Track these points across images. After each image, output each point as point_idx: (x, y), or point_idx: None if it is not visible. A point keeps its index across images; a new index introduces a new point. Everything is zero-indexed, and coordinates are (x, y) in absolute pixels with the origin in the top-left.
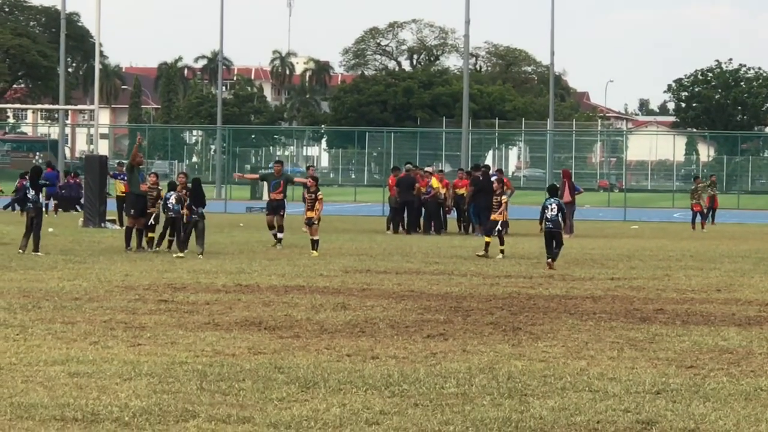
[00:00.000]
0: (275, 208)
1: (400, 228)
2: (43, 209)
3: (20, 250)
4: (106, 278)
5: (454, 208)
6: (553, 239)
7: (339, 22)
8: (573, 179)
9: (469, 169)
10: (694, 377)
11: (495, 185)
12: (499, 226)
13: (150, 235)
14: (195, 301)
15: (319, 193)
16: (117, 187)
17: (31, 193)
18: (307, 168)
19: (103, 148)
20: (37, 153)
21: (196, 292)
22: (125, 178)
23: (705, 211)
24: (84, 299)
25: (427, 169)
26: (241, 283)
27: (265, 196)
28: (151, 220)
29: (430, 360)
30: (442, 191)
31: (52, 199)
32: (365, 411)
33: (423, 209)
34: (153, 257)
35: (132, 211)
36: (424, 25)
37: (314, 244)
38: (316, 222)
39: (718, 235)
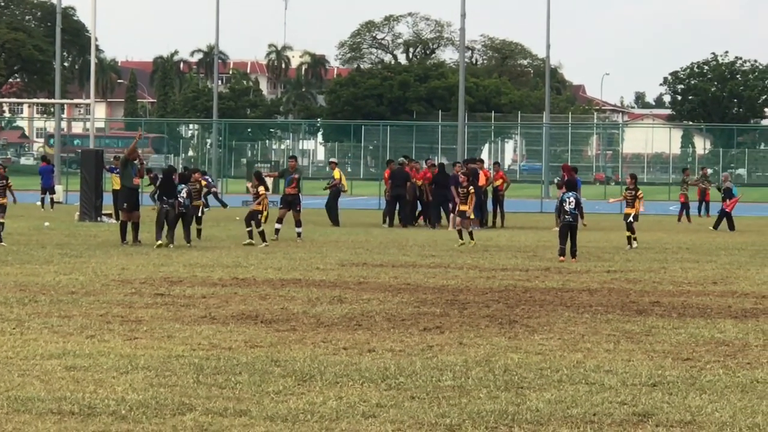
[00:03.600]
0: (290, 202)
1: (396, 221)
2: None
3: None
4: (102, 272)
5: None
6: (569, 232)
7: (335, 16)
8: (576, 174)
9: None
10: (690, 369)
11: (461, 178)
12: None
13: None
14: (191, 294)
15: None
16: (113, 181)
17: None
18: (290, 158)
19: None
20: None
21: (193, 286)
22: (118, 171)
23: (696, 202)
24: (80, 293)
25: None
26: (238, 276)
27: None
28: (199, 212)
29: (426, 353)
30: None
31: (48, 192)
32: (362, 404)
33: (419, 203)
34: (149, 251)
35: (125, 204)
36: (419, 19)
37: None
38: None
39: (712, 227)
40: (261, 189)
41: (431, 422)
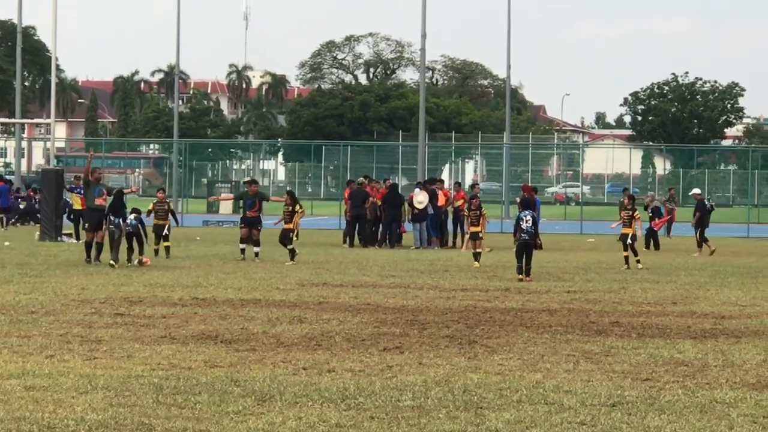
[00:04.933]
0: (252, 223)
1: (356, 241)
2: None
3: None
4: (62, 292)
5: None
6: (525, 251)
7: (295, 36)
8: (535, 194)
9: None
10: (649, 390)
11: (474, 201)
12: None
13: (166, 244)
14: (151, 314)
15: (298, 206)
16: (73, 201)
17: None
18: (249, 182)
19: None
20: (137, 169)
21: (153, 306)
22: (81, 192)
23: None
24: (40, 313)
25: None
26: (198, 296)
27: (222, 210)
28: (165, 231)
29: (386, 373)
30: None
31: (3, 213)
32: (321, 424)
33: (380, 223)
34: (109, 271)
35: (87, 225)
36: (380, 39)
37: (291, 253)
38: (293, 234)
39: (674, 248)
40: (297, 207)
41: None
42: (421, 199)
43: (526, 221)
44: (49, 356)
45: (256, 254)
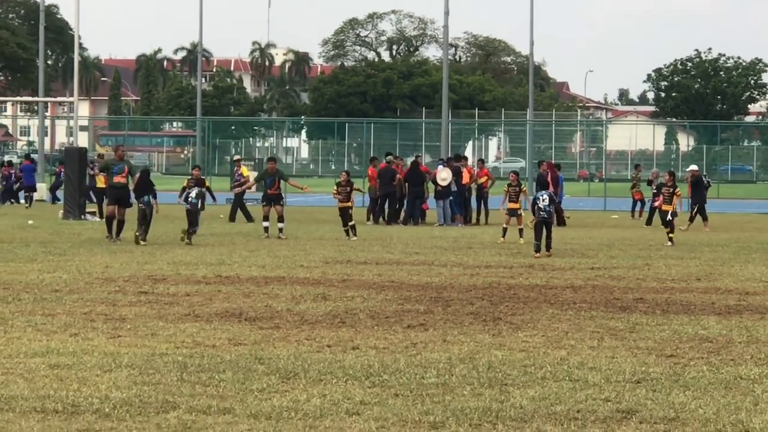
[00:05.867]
0: (273, 200)
1: (381, 219)
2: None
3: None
4: (86, 270)
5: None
6: (544, 228)
7: (318, 13)
8: (558, 171)
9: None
10: (674, 366)
11: (511, 177)
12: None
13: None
14: (175, 292)
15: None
16: (98, 180)
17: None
18: (269, 160)
19: (82, 140)
20: (185, 147)
21: (176, 284)
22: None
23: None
24: (64, 291)
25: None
26: (222, 274)
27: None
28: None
29: (410, 350)
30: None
31: (29, 191)
32: (345, 401)
33: (404, 200)
34: (133, 249)
35: (107, 201)
36: (403, 16)
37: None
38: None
39: (698, 224)
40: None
41: (415, 420)
42: (444, 176)
43: (543, 200)
44: (73, 334)
45: (280, 230)
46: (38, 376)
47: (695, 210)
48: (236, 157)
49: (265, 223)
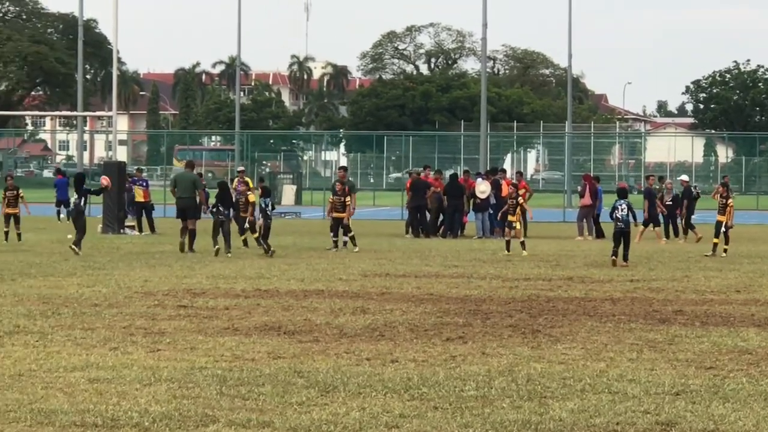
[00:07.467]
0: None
1: (420, 231)
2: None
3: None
4: (125, 284)
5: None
6: (622, 238)
7: (356, 27)
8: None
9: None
10: (713, 378)
11: (510, 189)
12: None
13: (254, 236)
14: (214, 306)
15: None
16: (135, 194)
17: (74, 198)
18: (340, 169)
19: (121, 154)
20: (227, 161)
21: (216, 298)
22: (144, 184)
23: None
24: (103, 305)
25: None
26: (261, 287)
27: (284, 201)
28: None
29: (449, 363)
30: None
31: (63, 205)
32: (385, 414)
33: (441, 213)
34: (172, 263)
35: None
36: (441, 29)
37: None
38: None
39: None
40: (347, 199)
41: None
42: (483, 188)
43: (622, 209)
44: (113, 348)
45: (351, 239)
46: (78, 390)
47: (684, 221)
48: (240, 168)
49: (335, 238)
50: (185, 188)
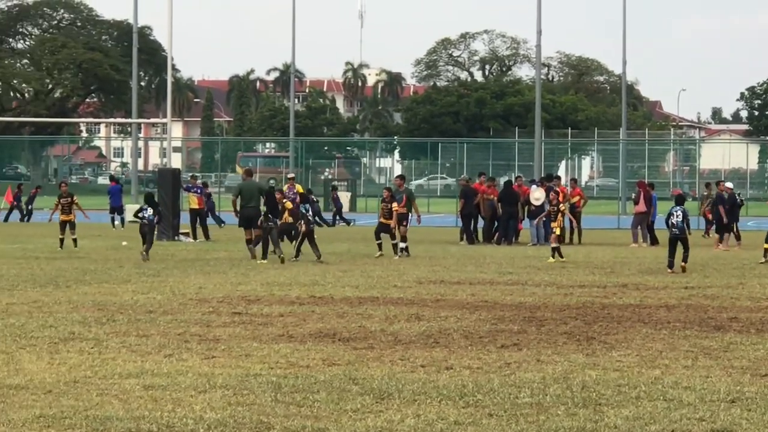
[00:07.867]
0: (399, 218)
1: (474, 238)
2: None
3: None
4: (180, 291)
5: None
6: (677, 244)
7: (411, 34)
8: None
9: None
10: None
11: (551, 196)
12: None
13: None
14: (269, 313)
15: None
16: (190, 201)
17: (147, 213)
18: (397, 177)
19: (176, 161)
20: (279, 168)
21: (270, 305)
22: (198, 191)
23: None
24: (158, 312)
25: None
26: (315, 294)
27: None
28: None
29: (504, 370)
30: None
31: (116, 212)
32: (440, 421)
33: (495, 220)
34: (227, 270)
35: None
36: (495, 36)
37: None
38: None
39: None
40: (394, 205)
41: None
42: (537, 195)
43: (676, 216)
44: (168, 355)
45: (405, 249)
46: (133, 397)
47: (734, 227)
48: (290, 175)
49: (379, 242)
50: (251, 197)
